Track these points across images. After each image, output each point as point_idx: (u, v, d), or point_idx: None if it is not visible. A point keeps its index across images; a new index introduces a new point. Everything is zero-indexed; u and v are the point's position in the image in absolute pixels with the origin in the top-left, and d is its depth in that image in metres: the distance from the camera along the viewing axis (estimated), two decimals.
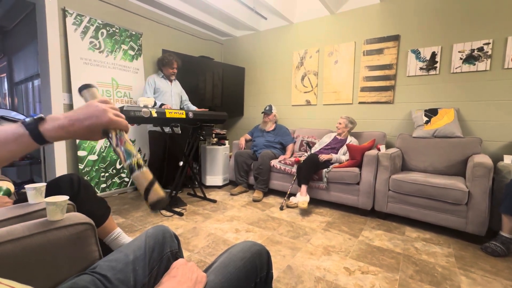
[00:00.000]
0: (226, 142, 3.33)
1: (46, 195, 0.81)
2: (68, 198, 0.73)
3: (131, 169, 0.51)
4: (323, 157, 2.55)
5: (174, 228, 2.00)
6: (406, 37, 2.71)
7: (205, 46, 3.94)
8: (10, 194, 1.15)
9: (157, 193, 0.51)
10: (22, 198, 0.95)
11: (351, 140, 2.69)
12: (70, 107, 2.48)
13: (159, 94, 2.73)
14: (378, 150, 2.44)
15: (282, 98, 3.66)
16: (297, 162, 2.65)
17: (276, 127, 3.27)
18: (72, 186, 1.05)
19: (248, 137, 3.35)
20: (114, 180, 2.80)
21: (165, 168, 2.88)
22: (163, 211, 2.33)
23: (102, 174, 2.69)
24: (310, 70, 3.36)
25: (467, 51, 2.41)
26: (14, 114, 2.75)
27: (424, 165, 2.41)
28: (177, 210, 2.33)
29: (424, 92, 2.66)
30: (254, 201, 2.69)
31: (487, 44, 2.32)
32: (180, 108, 2.97)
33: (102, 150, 2.68)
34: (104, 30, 2.65)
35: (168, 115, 2.18)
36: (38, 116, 0.45)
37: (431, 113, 2.49)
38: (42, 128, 0.45)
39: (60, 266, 0.67)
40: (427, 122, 2.47)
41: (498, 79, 2.30)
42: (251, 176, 3.03)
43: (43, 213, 0.77)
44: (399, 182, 2.12)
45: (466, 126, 2.45)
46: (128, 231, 1.90)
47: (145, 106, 2.07)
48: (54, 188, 0.99)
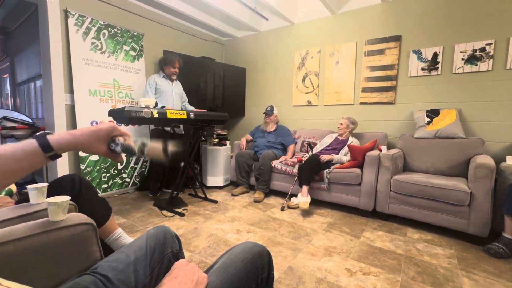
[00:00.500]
0: (227, 142, 3.33)
1: (48, 195, 0.81)
2: (69, 198, 0.73)
3: (141, 150, 0.57)
4: (324, 157, 2.54)
5: (175, 228, 2.00)
6: (408, 37, 2.71)
7: (206, 47, 3.95)
8: (12, 194, 1.16)
9: (171, 148, 0.60)
10: (24, 198, 0.95)
11: (353, 140, 2.69)
12: (72, 108, 2.49)
13: (160, 94, 2.72)
14: (380, 150, 2.43)
15: (283, 99, 3.66)
16: (298, 161, 2.65)
17: (277, 128, 3.27)
18: (73, 187, 1.05)
19: (249, 137, 3.35)
20: (115, 180, 2.80)
21: (166, 168, 2.89)
22: (164, 211, 2.33)
23: (104, 174, 2.70)
24: (311, 70, 3.36)
25: (469, 52, 2.40)
26: (16, 115, 2.77)
27: (425, 166, 2.40)
28: (178, 210, 2.34)
29: (425, 92, 2.65)
30: (255, 201, 2.69)
31: (489, 44, 2.31)
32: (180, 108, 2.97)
33: None
34: (105, 31, 2.66)
35: (169, 116, 2.18)
36: (45, 132, 0.49)
37: (433, 113, 2.48)
38: (49, 137, 0.47)
39: (61, 266, 0.67)
40: (429, 123, 2.47)
41: (500, 80, 2.29)
42: (252, 176, 3.02)
43: (45, 213, 0.77)
44: (401, 183, 2.12)
45: (468, 126, 2.44)
46: (129, 232, 1.91)
47: (146, 107, 2.07)
48: (55, 188, 1.00)
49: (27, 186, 0.83)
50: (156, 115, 2.07)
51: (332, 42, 3.19)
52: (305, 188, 2.42)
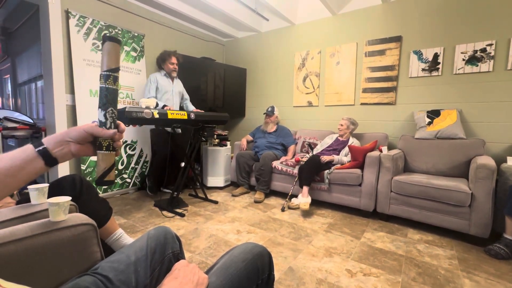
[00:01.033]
0: (228, 143, 3.33)
1: (49, 196, 0.81)
2: (70, 198, 0.73)
3: (104, 146, 0.53)
4: (325, 158, 2.54)
5: (175, 229, 2.00)
6: (408, 38, 2.71)
7: (206, 47, 3.95)
8: (13, 194, 1.16)
9: (112, 176, 0.56)
10: (24, 199, 0.95)
11: (353, 141, 2.68)
12: (73, 108, 2.50)
13: (161, 93, 2.72)
14: (380, 151, 2.43)
15: (283, 99, 3.66)
16: (297, 161, 2.65)
17: (277, 128, 3.27)
18: (74, 187, 1.06)
19: (249, 138, 3.35)
20: (116, 180, 2.80)
21: (167, 168, 2.89)
22: (165, 212, 2.33)
23: None
24: (312, 71, 3.36)
25: (470, 52, 2.39)
26: (17, 115, 2.77)
27: (426, 166, 2.40)
28: (178, 211, 2.34)
29: (426, 93, 2.65)
30: (256, 202, 2.69)
31: (490, 45, 2.30)
32: (179, 106, 2.98)
33: None
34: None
35: (170, 116, 2.18)
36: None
37: (434, 114, 2.48)
38: (44, 140, 0.48)
39: (62, 267, 0.67)
40: (430, 124, 2.46)
41: (501, 80, 2.29)
42: (253, 177, 3.02)
43: (46, 213, 0.77)
44: (402, 184, 2.11)
45: (469, 127, 2.44)
46: (129, 232, 1.91)
47: (147, 107, 2.07)
48: (56, 188, 1.00)
49: (28, 187, 0.83)
50: (156, 116, 2.07)
51: (332, 42, 3.19)
52: (305, 188, 2.42)
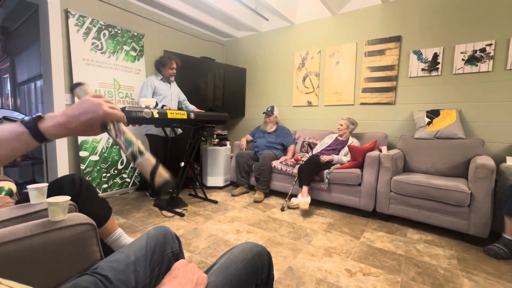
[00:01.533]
0: (227, 143, 3.33)
1: (48, 196, 0.81)
2: (69, 198, 0.73)
3: (134, 156, 0.52)
4: (325, 158, 2.54)
5: (175, 228, 2.00)
6: (408, 38, 2.71)
7: (206, 47, 3.95)
8: (12, 194, 1.16)
9: (162, 176, 0.53)
10: (24, 198, 0.95)
11: (353, 141, 2.69)
12: None
13: (160, 97, 2.66)
14: (380, 151, 2.43)
15: (283, 99, 3.66)
16: (296, 160, 2.65)
17: (277, 128, 3.27)
18: (73, 187, 1.05)
19: (249, 137, 3.35)
20: (115, 180, 2.80)
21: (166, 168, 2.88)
22: (164, 212, 2.33)
23: (104, 174, 2.70)
24: (311, 71, 3.36)
25: (469, 52, 2.40)
26: (16, 115, 2.77)
27: (426, 166, 2.40)
28: (178, 210, 2.34)
29: (426, 93, 2.65)
30: (255, 202, 2.69)
31: (490, 45, 2.31)
32: (178, 108, 2.94)
33: (103, 151, 2.68)
34: (106, 31, 2.67)
35: (169, 116, 2.18)
36: (37, 114, 0.46)
37: (433, 114, 2.48)
38: (41, 126, 0.46)
39: (61, 267, 0.67)
40: (429, 123, 2.47)
41: (500, 80, 2.29)
42: (252, 177, 3.02)
43: (45, 213, 0.77)
44: (401, 184, 2.11)
45: (468, 127, 2.44)
46: (129, 232, 1.91)
47: (147, 107, 2.07)
48: (56, 188, 1.00)
49: (27, 186, 0.83)
50: (156, 115, 2.07)
51: (332, 42, 3.19)
52: (305, 188, 2.42)
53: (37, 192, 0.84)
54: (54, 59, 2.35)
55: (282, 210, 2.46)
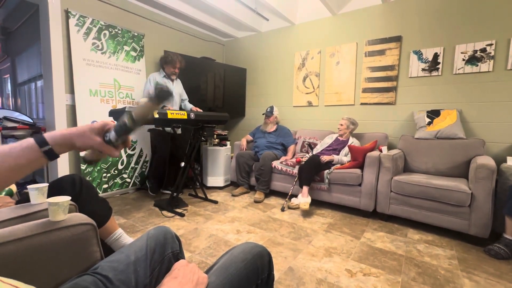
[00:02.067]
0: (228, 143, 3.33)
1: (48, 196, 0.81)
2: (70, 198, 0.73)
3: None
4: (325, 158, 2.54)
5: (175, 229, 2.00)
6: (408, 38, 2.71)
7: (206, 47, 3.95)
8: (13, 194, 1.16)
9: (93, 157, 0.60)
10: (24, 198, 0.95)
11: (353, 141, 2.68)
12: (72, 108, 2.50)
13: None
14: (380, 151, 2.43)
15: (283, 99, 3.66)
16: (297, 162, 2.64)
17: (277, 128, 3.27)
18: (74, 187, 1.05)
19: (249, 138, 3.35)
20: (116, 180, 2.80)
21: (166, 168, 2.89)
22: (165, 212, 2.33)
23: (104, 174, 2.70)
24: (311, 71, 3.36)
25: (470, 52, 2.39)
26: (17, 115, 2.77)
27: (426, 166, 2.40)
28: (178, 211, 2.34)
29: (426, 93, 2.65)
30: (256, 202, 2.69)
31: (490, 45, 2.30)
32: (179, 107, 2.97)
33: None
34: (106, 31, 2.67)
35: (170, 116, 2.18)
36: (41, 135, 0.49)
37: (434, 114, 2.48)
38: (45, 134, 0.49)
39: (61, 267, 0.67)
40: (430, 124, 2.46)
41: (501, 80, 2.29)
42: (253, 177, 3.02)
43: (45, 213, 0.77)
44: (401, 184, 2.11)
45: (469, 127, 2.44)
46: (129, 232, 1.91)
47: None
48: (56, 188, 1.00)
49: (28, 186, 0.83)
50: (156, 115, 2.07)
51: (332, 42, 3.19)
52: (305, 188, 2.42)
53: (37, 192, 0.84)
54: (55, 59, 2.35)
55: (283, 210, 2.46)
